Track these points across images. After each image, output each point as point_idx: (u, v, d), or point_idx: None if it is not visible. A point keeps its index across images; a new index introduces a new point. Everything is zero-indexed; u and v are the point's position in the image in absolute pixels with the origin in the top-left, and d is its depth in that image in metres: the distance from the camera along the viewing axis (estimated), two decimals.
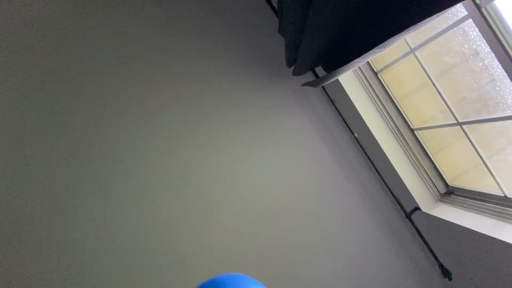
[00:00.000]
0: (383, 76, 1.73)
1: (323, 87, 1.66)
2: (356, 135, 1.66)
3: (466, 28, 1.23)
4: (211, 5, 1.68)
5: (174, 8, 1.64)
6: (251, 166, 1.67)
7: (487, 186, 1.45)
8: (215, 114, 1.65)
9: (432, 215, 1.58)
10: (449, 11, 1.19)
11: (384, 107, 1.72)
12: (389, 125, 1.71)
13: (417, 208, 1.66)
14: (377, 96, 1.72)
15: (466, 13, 1.11)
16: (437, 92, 1.45)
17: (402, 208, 1.63)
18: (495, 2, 1.03)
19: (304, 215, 1.68)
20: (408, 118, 1.72)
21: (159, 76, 1.61)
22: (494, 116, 1.28)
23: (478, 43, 1.22)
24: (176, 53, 1.63)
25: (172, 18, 1.64)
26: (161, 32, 1.62)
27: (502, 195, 1.37)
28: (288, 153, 1.72)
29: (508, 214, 1.30)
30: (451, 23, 1.22)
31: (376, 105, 1.72)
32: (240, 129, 1.68)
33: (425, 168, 1.70)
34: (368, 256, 1.72)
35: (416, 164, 1.70)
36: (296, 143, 1.73)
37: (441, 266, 1.59)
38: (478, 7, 1.05)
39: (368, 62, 1.72)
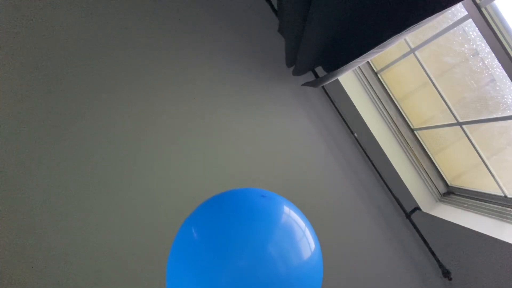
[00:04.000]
0: (383, 76, 1.73)
1: (323, 87, 1.66)
2: (356, 135, 1.66)
3: (466, 28, 1.23)
4: (211, 5, 1.68)
5: (174, 8, 1.64)
6: (250, 166, 1.66)
7: (487, 186, 1.45)
8: (215, 114, 1.65)
9: (432, 215, 1.58)
10: (449, 11, 1.19)
11: (384, 107, 1.72)
12: (389, 125, 1.71)
13: (417, 208, 1.66)
14: (377, 96, 1.72)
15: (466, 13, 1.11)
16: (437, 92, 1.45)
17: (402, 208, 1.63)
18: (495, 2, 1.03)
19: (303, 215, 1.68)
20: (408, 118, 1.72)
21: (159, 76, 1.61)
22: (494, 116, 1.28)
23: (478, 43, 1.22)
24: (176, 53, 1.63)
25: (172, 18, 1.64)
26: (162, 32, 1.62)
27: (502, 195, 1.37)
28: (288, 153, 1.72)
29: (508, 214, 1.30)
30: (451, 23, 1.22)
31: (376, 105, 1.72)
32: (240, 129, 1.68)
33: (425, 168, 1.70)
34: (368, 256, 1.72)
35: (416, 164, 1.70)
36: (296, 143, 1.73)
37: (441, 266, 1.59)
38: (478, 7, 1.05)
39: (368, 62, 1.72)
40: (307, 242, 0.57)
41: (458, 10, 1.17)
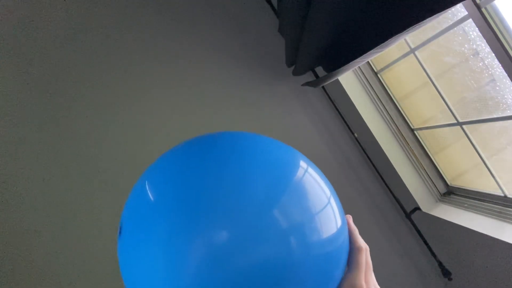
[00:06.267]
0: (383, 76, 1.73)
1: (323, 87, 1.66)
2: (356, 135, 1.66)
3: (466, 28, 1.23)
4: (211, 4, 1.68)
5: (174, 7, 1.64)
6: None
7: (487, 186, 1.45)
8: (214, 113, 1.65)
9: (432, 215, 1.58)
10: (449, 11, 1.19)
11: (384, 107, 1.72)
12: (389, 125, 1.71)
13: (417, 208, 1.66)
14: (377, 96, 1.72)
15: (466, 13, 1.11)
16: (437, 92, 1.45)
17: (402, 208, 1.63)
18: (495, 2, 1.03)
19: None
20: (408, 118, 1.72)
21: (158, 76, 1.61)
22: (494, 116, 1.28)
23: (478, 43, 1.22)
24: (175, 53, 1.63)
25: (172, 17, 1.64)
26: (161, 31, 1.62)
27: (502, 195, 1.37)
28: None
29: (508, 214, 1.30)
30: (451, 23, 1.22)
31: (376, 105, 1.72)
32: (239, 129, 1.67)
33: (425, 168, 1.70)
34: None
35: (416, 164, 1.70)
36: (295, 143, 1.72)
37: (441, 266, 1.59)
38: (478, 7, 1.05)
39: (368, 62, 1.72)
40: (332, 212, 0.33)
41: (458, 10, 1.17)
